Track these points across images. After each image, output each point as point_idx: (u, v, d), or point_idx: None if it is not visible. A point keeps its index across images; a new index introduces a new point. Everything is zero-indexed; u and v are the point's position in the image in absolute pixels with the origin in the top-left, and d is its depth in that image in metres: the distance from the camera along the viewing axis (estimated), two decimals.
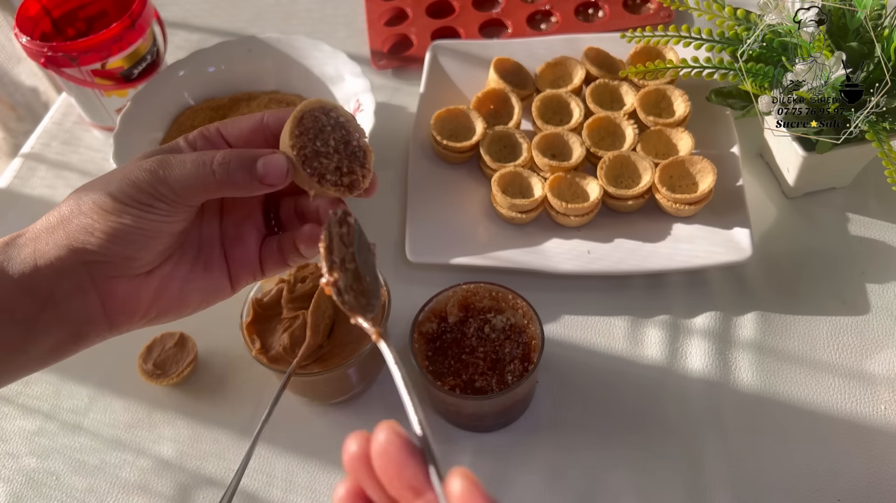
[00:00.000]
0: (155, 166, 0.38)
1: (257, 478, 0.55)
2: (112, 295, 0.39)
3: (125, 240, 0.38)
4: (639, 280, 0.64)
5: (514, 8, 0.88)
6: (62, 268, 0.37)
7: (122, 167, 0.39)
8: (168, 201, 0.38)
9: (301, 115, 0.39)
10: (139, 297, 0.40)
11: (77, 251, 0.37)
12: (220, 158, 0.39)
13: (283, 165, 0.39)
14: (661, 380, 0.58)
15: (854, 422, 0.55)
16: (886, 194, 0.67)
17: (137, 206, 0.38)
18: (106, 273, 0.38)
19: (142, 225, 0.38)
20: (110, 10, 0.78)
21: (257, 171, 0.39)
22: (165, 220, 0.39)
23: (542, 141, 0.68)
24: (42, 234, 0.38)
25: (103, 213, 0.37)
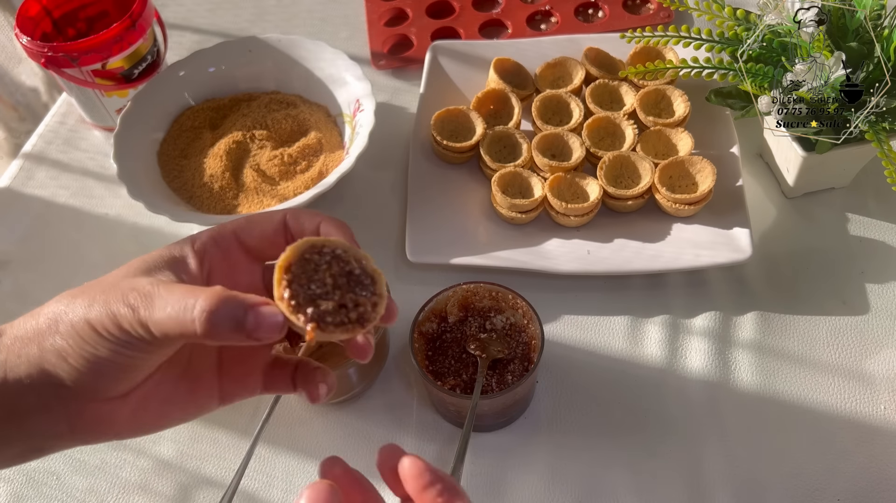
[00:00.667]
0: (137, 302, 0.34)
1: (257, 479, 0.55)
2: (81, 417, 0.36)
3: (98, 372, 0.34)
4: (638, 280, 0.64)
5: (513, 8, 0.88)
6: (30, 384, 0.34)
7: (114, 279, 0.36)
8: (146, 342, 0.34)
9: (287, 265, 0.34)
10: (111, 420, 0.36)
11: (47, 373, 0.34)
12: (203, 305, 0.32)
13: (276, 320, 0.33)
14: (661, 379, 0.59)
15: (854, 422, 0.55)
16: (886, 194, 0.67)
17: (114, 340, 0.34)
18: (76, 397, 0.35)
19: (117, 360, 0.34)
20: (111, 10, 0.78)
21: (246, 326, 0.33)
22: (144, 357, 0.35)
23: (542, 141, 0.68)
24: (17, 343, 0.35)
25: (79, 340, 0.34)
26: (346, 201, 0.71)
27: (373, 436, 0.57)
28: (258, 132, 0.72)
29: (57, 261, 0.70)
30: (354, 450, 0.56)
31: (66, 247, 0.71)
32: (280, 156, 0.70)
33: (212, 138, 0.73)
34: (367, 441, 0.57)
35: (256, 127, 0.73)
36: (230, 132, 0.72)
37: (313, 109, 0.75)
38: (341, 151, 0.72)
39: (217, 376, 0.39)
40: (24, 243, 0.72)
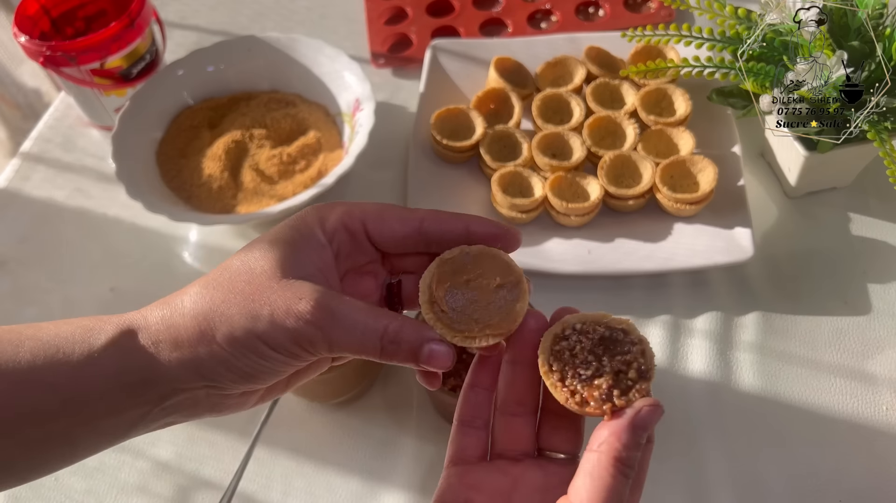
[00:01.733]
0: (318, 320, 0.33)
1: (256, 480, 0.55)
2: (222, 404, 0.36)
3: (256, 378, 0.35)
4: (639, 280, 0.64)
5: (514, 7, 0.87)
6: (180, 387, 0.34)
7: (261, 280, 0.34)
8: (319, 354, 0.34)
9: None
10: (249, 401, 0.38)
11: (203, 377, 0.34)
12: (392, 336, 0.34)
13: (448, 359, 0.34)
14: (662, 379, 0.58)
15: (856, 423, 0.55)
16: (888, 194, 0.67)
17: (285, 353, 0.34)
18: (223, 392, 0.36)
19: (279, 368, 0.34)
20: (109, 9, 0.78)
21: (421, 357, 0.34)
22: (306, 363, 0.35)
23: (543, 140, 0.68)
24: (163, 345, 0.34)
25: (244, 353, 0.33)
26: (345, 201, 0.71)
27: (373, 436, 0.57)
28: (257, 131, 0.72)
29: (55, 261, 0.70)
30: (354, 451, 0.56)
31: (65, 246, 0.71)
32: (279, 155, 0.70)
33: (210, 138, 0.73)
34: (367, 441, 0.57)
35: (255, 126, 0.73)
36: (229, 131, 0.72)
37: (312, 109, 0.75)
38: (341, 151, 0.72)
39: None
40: (23, 243, 0.72)
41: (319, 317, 0.33)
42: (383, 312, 0.34)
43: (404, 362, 0.34)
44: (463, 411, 0.38)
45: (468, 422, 0.37)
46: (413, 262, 0.40)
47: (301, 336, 0.33)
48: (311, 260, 0.35)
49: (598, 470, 0.31)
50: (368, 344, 0.34)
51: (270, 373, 0.35)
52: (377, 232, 0.37)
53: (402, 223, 0.37)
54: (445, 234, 0.37)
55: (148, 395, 0.34)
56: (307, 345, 0.33)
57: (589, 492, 0.31)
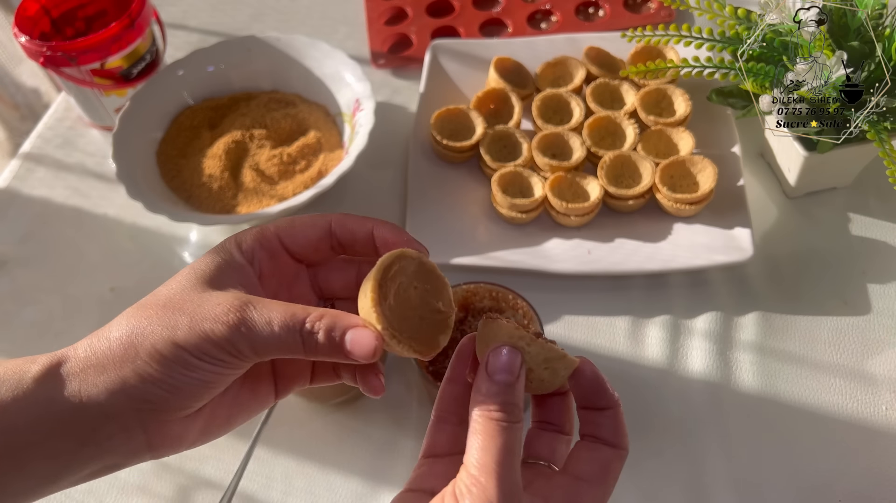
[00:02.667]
0: (236, 322, 0.33)
1: (256, 480, 0.55)
2: (160, 434, 0.35)
3: (185, 392, 0.34)
4: (639, 280, 0.64)
5: (514, 7, 0.88)
6: (111, 413, 0.34)
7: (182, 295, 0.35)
8: (243, 358, 0.34)
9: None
10: (188, 432, 0.37)
11: (131, 398, 0.34)
12: (312, 326, 0.34)
13: (370, 345, 0.34)
14: (662, 380, 0.58)
15: (855, 423, 0.55)
16: (887, 194, 0.67)
17: (209, 361, 0.34)
18: (156, 418, 0.35)
19: (206, 378, 0.34)
20: (109, 9, 0.78)
21: (345, 345, 0.34)
22: (232, 373, 0.35)
23: (543, 140, 0.68)
24: (90, 370, 0.34)
25: (167, 364, 0.33)
26: (345, 201, 0.71)
27: (372, 436, 0.57)
28: (257, 131, 0.72)
29: (55, 261, 0.70)
30: (354, 451, 0.56)
31: (65, 246, 0.71)
32: (279, 155, 0.70)
33: (211, 138, 0.73)
34: (366, 441, 0.57)
35: (255, 126, 0.73)
36: (229, 131, 0.72)
37: (312, 109, 0.75)
38: (341, 151, 0.72)
39: (272, 374, 0.40)
40: (23, 243, 0.72)
41: (237, 317, 0.33)
42: (304, 307, 0.34)
43: (329, 355, 0.34)
44: (440, 406, 0.38)
45: (444, 417, 0.38)
46: (339, 281, 0.41)
47: (220, 338, 0.33)
48: (233, 278, 0.36)
49: (471, 426, 0.32)
50: (289, 338, 0.33)
51: (201, 386, 0.34)
52: (291, 241, 0.38)
53: (313, 228, 0.38)
54: (353, 234, 0.38)
55: (78, 427, 0.33)
56: (229, 346, 0.33)
57: (470, 449, 0.32)
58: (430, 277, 0.37)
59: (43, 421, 0.33)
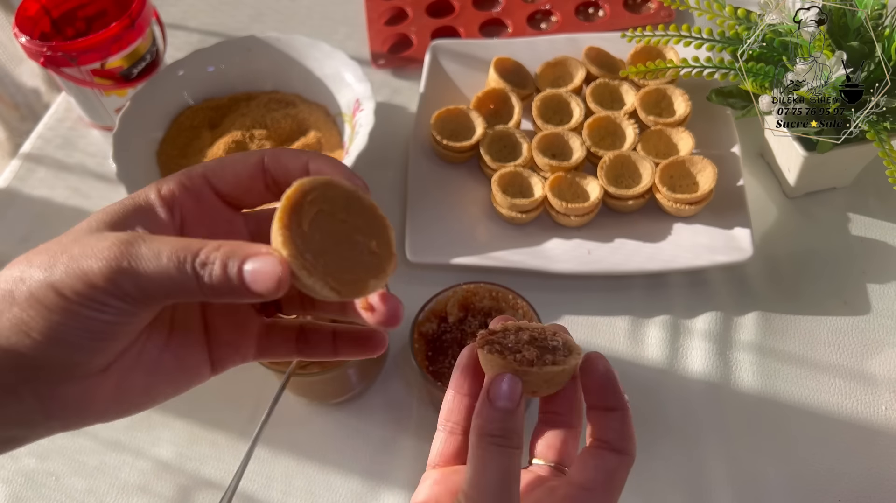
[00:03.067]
0: (118, 254, 0.28)
1: (256, 480, 0.55)
2: (55, 400, 0.31)
3: (68, 343, 0.29)
4: (639, 280, 0.64)
5: (514, 7, 0.88)
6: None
7: (75, 236, 0.30)
8: (130, 301, 0.29)
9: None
10: (90, 399, 0.31)
11: (8, 353, 0.29)
12: (203, 257, 0.29)
13: (274, 276, 0.28)
14: (662, 380, 0.58)
15: (855, 423, 0.55)
16: (887, 194, 0.67)
17: (87, 304, 0.28)
18: (45, 377, 0.30)
19: (92, 327, 0.29)
20: (110, 9, 0.78)
21: (244, 278, 0.28)
22: (124, 321, 0.29)
23: (543, 141, 0.68)
24: None
25: (41, 309, 0.29)
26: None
27: (372, 436, 0.57)
28: (257, 131, 0.72)
29: None
30: (354, 451, 0.56)
31: None
32: None
33: (211, 138, 0.73)
34: (366, 441, 0.57)
35: (256, 126, 0.73)
36: (229, 132, 0.72)
37: (313, 109, 0.75)
38: (341, 151, 0.72)
39: (205, 342, 0.35)
40: (23, 243, 0.72)
41: (119, 251, 0.28)
42: (202, 240, 0.29)
43: (228, 291, 0.29)
44: (443, 417, 0.37)
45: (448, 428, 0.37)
46: None
47: (99, 275, 0.28)
48: (139, 221, 0.31)
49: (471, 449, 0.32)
50: (179, 273, 0.28)
51: (87, 337, 0.29)
52: (219, 180, 0.34)
53: (244, 164, 0.34)
54: (287, 169, 0.34)
55: None
56: (109, 285, 0.28)
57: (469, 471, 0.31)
58: (364, 214, 0.31)
59: None
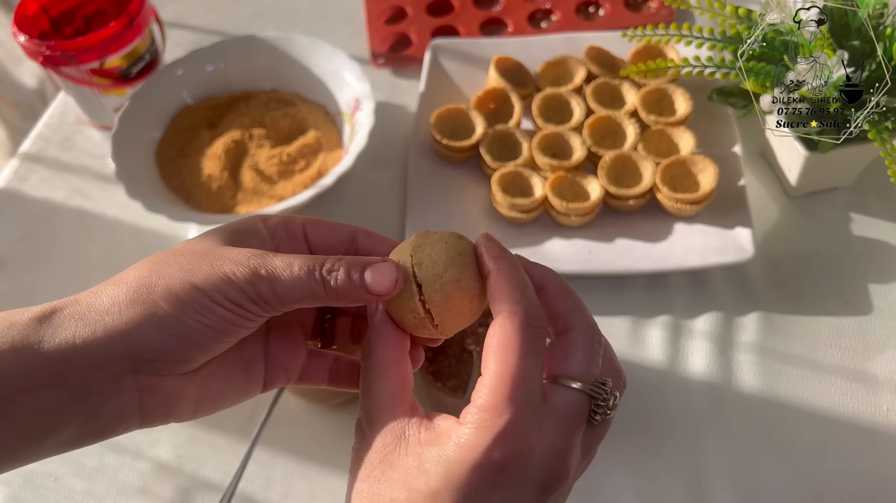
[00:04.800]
0: (256, 263, 0.33)
1: (255, 481, 0.55)
2: (153, 394, 0.34)
3: (193, 339, 0.33)
4: (640, 280, 0.64)
5: (514, 6, 0.87)
6: (105, 360, 0.32)
7: (203, 248, 0.35)
8: (263, 304, 0.33)
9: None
10: (180, 398, 0.35)
11: (132, 345, 0.32)
12: (329, 266, 0.34)
13: (391, 275, 0.34)
14: (663, 380, 0.58)
15: (856, 424, 0.55)
16: (889, 194, 0.67)
17: (226, 305, 0.32)
18: (153, 371, 0.33)
19: (220, 327, 0.33)
20: (108, 9, 0.78)
21: (365, 281, 0.34)
22: (247, 324, 0.34)
23: (543, 140, 0.68)
24: (92, 314, 0.32)
25: (180, 305, 0.32)
26: (345, 201, 0.71)
27: None
28: (256, 131, 0.72)
29: (55, 261, 0.70)
30: None
31: (64, 246, 0.71)
32: (279, 155, 0.70)
33: (210, 137, 0.72)
34: None
35: (255, 126, 0.73)
36: (228, 131, 0.72)
37: (312, 108, 0.75)
38: (340, 150, 0.72)
39: (264, 362, 0.39)
40: (22, 243, 0.72)
41: (258, 262, 0.33)
42: (324, 255, 0.35)
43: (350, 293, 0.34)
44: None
45: None
46: None
47: (241, 279, 0.32)
48: (254, 242, 0.36)
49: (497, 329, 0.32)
50: (309, 280, 0.33)
51: (212, 335, 0.33)
52: (315, 233, 0.39)
53: (339, 229, 0.39)
54: (373, 249, 0.39)
55: (68, 376, 0.31)
56: (249, 289, 0.33)
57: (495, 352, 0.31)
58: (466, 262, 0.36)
59: (30, 369, 0.31)
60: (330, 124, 0.74)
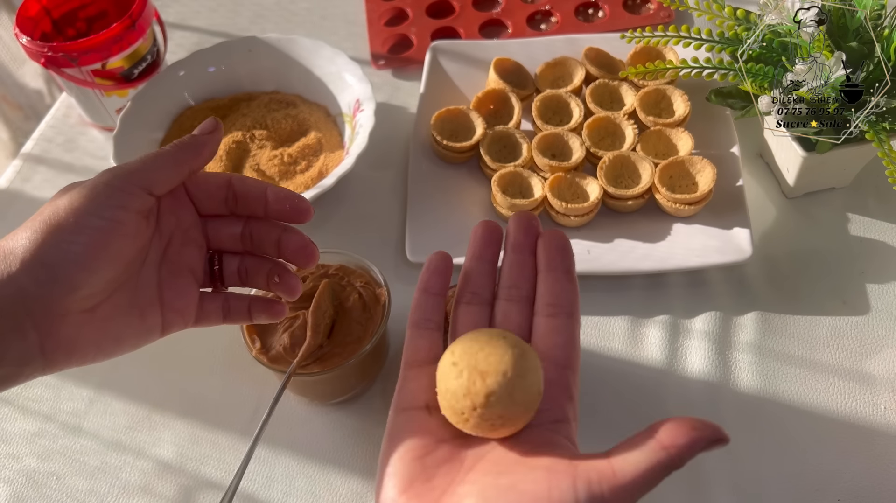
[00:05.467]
0: (128, 166, 0.39)
1: (257, 480, 0.55)
2: (53, 337, 0.37)
3: (78, 261, 0.36)
4: (638, 280, 0.64)
5: (514, 8, 0.88)
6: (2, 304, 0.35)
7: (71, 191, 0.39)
8: (135, 190, 0.39)
9: None
10: (80, 340, 0.38)
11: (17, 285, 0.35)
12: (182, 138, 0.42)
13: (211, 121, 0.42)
14: (661, 380, 0.58)
15: (854, 423, 0.55)
16: (886, 194, 0.67)
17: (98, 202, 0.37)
18: (48, 309, 0.36)
19: (107, 223, 0.37)
20: (110, 10, 0.78)
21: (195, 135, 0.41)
22: (124, 218, 0.38)
23: (542, 141, 0.68)
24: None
25: (46, 225, 0.37)
26: (345, 201, 0.71)
27: (373, 436, 0.57)
28: (258, 132, 0.72)
29: None
30: (354, 451, 0.56)
31: None
32: (280, 156, 0.70)
33: None
34: (367, 441, 0.57)
35: (256, 127, 0.73)
36: (230, 132, 0.72)
37: (313, 109, 0.75)
38: (341, 151, 0.72)
39: (160, 308, 0.42)
40: None
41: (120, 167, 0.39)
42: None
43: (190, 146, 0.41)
44: (414, 315, 0.41)
45: (420, 324, 0.40)
46: (228, 237, 0.45)
47: (98, 178, 0.38)
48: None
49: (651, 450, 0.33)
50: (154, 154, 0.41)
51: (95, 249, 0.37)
52: (193, 184, 0.43)
53: (215, 176, 0.44)
54: (249, 192, 0.43)
55: None
56: (117, 181, 0.38)
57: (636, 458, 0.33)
58: None
59: None
60: (331, 125, 0.74)
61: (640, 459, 0.32)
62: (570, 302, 0.41)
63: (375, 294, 0.56)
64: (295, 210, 0.43)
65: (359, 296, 0.55)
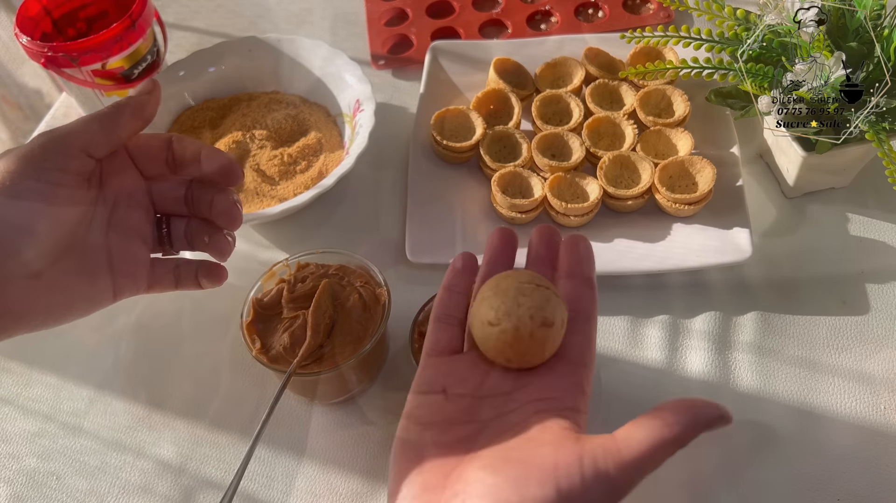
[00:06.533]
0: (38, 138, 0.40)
1: (257, 480, 0.55)
2: (1, 299, 0.37)
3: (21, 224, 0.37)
4: (638, 280, 0.64)
5: (513, 8, 0.88)
6: None
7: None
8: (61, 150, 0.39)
9: None
10: (27, 305, 0.38)
11: None
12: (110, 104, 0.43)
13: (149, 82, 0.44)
14: (661, 380, 0.58)
15: (854, 423, 0.55)
16: (886, 194, 0.67)
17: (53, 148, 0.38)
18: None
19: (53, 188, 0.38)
20: (111, 10, 0.78)
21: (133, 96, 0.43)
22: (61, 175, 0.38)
23: (542, 141, 0.68)
24: None
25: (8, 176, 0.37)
26: (346, 201, 0.71)
27: (373, 436, 0.57)
28: (258, 132, 0.72)
29: None
30: (354, 450, 0.56)
31: None
32: (280, 156, 0.70)
33: (212, 138, 0.73)
34: (367, 441, 0.57)
35: (256, 127, 0.73)
36: (230, 132, 0.72)
37: (313, 109, 0.75)
38: (341, 151, 0.72)
39: (109, 273, 0.43)
40: None
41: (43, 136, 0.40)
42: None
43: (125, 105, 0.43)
44: (439, 310, 0.42)
45: (443, 318, 0.42)
46: (173, 200, 0.46)
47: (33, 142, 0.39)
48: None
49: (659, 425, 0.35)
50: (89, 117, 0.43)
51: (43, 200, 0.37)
52: (135, 146, 0.44)
53: (155, 138, 0.45)
54: (186, 152, 0.44)
55: None
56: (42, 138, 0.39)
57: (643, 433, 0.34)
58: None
59: None
60: (331, 125, 0.74)
61: (644, 437, 0.33)
62: (588, 308, 0.42)
63: (375, 294, 0.56)
64: (222, 170, 0.44)
65: (359, 296, 0.55)
